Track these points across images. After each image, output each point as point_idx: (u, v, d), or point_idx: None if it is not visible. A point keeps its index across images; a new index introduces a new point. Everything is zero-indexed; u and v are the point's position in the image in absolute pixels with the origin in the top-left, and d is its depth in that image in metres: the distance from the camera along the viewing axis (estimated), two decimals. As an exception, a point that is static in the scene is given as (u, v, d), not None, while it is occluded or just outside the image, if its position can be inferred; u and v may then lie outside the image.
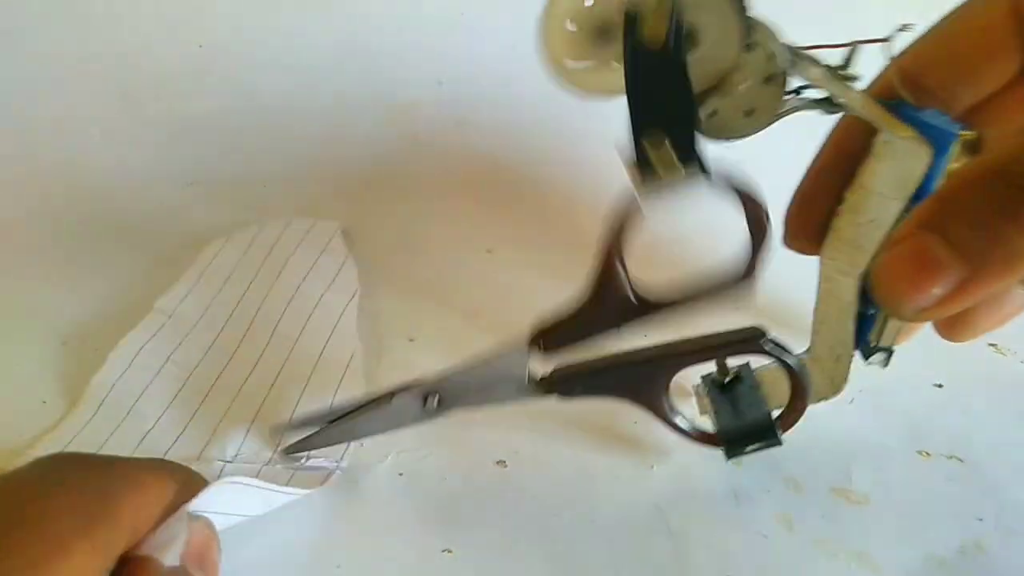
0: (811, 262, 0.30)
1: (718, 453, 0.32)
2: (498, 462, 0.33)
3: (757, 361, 0.31)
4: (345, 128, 0.50)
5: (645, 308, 0.28)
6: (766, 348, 0.29)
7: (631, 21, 0.24)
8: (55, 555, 0.19)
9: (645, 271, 0.29)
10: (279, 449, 0.32)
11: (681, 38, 0.24)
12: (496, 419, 0.33)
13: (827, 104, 0.27)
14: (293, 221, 0.45)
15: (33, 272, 0.35)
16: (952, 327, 0.30)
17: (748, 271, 0.28)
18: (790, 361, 0.30)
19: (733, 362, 0.32)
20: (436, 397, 0.30)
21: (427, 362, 0.37)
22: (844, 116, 0.30)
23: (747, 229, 0.27)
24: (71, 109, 0.49)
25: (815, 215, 0.30)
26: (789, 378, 0.30)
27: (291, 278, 0.41)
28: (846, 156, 0.29)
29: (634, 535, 0.30)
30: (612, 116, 0.27)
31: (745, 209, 0.27)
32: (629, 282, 0.28)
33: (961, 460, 0.33)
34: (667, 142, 0.25)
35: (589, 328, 0.29)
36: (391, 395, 0.31)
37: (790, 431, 0.31)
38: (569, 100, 0.53)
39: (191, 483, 0.25)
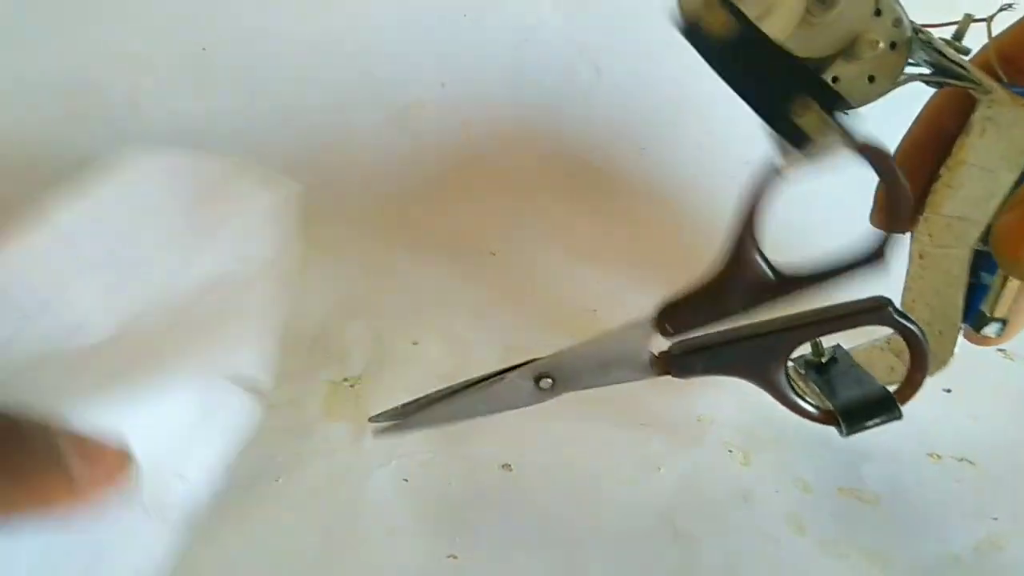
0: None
1: (722, 454, 0.31)
2: (503, 466, 0.32)
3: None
4: (348, 129, 0.50)
5: (777, 285, 0.28)
6: (894, 317, 0.28)
7: (691, 31, 0.25)
8: None
9: (776, 248, 0.28)
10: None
11: (744, 15, 0.24)
12: (501, 423, 0.33)
13: (937, 76, 0.27)
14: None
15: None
16: None
17: (881, 247, 0.27)
18: (915, 331, 0.28)
19: (827, 343, 0.32)
20: (549, 378, 0.29)
21: (430, 365, 0.37)
22: (936, 94, 0.30)
23: (885, 200, 0.27)
24: (72, 111, 0.49)
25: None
26: (910, 349, 0.29)
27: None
28: (939, 133, 0.29)
29: (641, 539, 0.29)
30: (614, 120, 0.27)
31: (882, 177, 0.26)
32: (764, 257, 0.27)
33: (972, 463, 0.33)
34: (815, 105, 0.25)
35: (718, 307, 0.28)
36: (501, 375, 0.30)
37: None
38: (571, 102, 0.53)
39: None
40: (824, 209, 0.40)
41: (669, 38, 0.55)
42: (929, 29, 0.27)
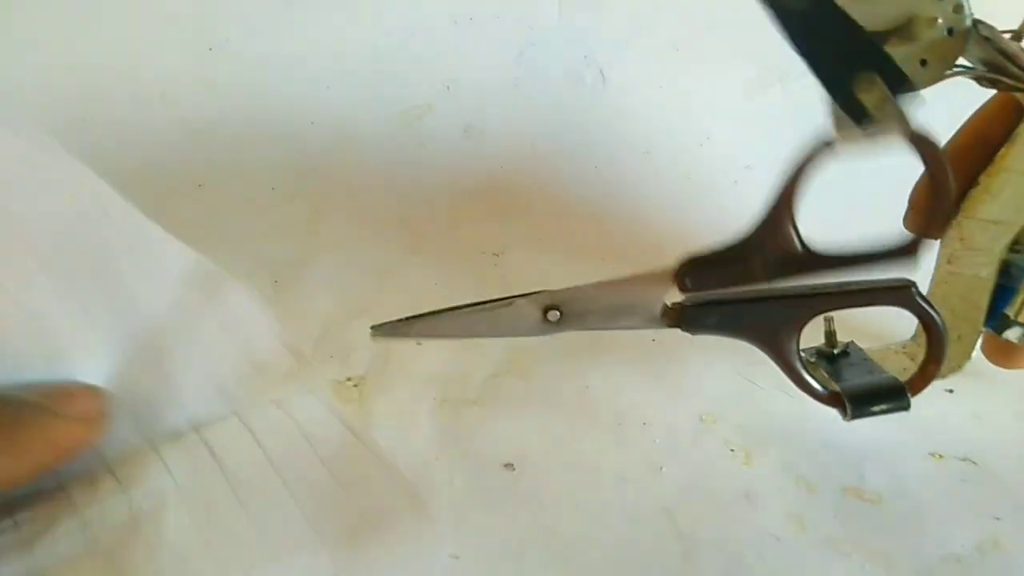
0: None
1: (724, 454, 0.31)
2: (506, 465, 0.32)
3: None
4: (353, 131, 0.50)
5: (804, 260, 0.28)
6: (916, 300, 0.28)
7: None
8: None
9: (810, 223, 0.28)
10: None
11: None
12: (504, 422, 0.33)
13: (992, 73, 0.27)
14: None
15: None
16: None
17: (915, 243, 0.27)
18: (935, 317, 0.28)
19: (842, 337, 0.32)
20: (558, 311, 0.29)
21: (435, 365, 0.37)
22: (985, 105, 0.31)
23: (924, 198, 0.27)
24: (80, 113, 0.49)
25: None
26: (928, 337, 0.29)
27: None
28: (984, 142, 0.30)
29: (644, 538, 0.29)
30: (618, 123, 0.27)
31: (929, 169, 0.26)
32: (797, 229, 0.27)
33: (974, 463, 0.32)
34: (880, 83, 0.25)
35: (740, 270, 0.28)
36: (510, 300, 0.29)
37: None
38: (575, 106, 0.53)
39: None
40: (865, 194, 0.39)
41: (673, 43, 0.55)
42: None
